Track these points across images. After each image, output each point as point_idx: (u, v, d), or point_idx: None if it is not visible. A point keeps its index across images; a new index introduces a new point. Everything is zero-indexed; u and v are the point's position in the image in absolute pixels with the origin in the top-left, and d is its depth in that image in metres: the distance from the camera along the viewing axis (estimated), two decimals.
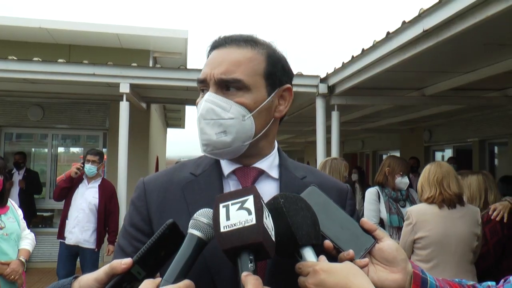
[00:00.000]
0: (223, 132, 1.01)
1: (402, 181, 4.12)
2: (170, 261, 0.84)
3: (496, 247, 3.34)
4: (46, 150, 8.52)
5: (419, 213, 3.18)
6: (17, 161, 7.44)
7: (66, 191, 5.20)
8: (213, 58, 1.05)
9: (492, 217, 3.36)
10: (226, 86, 1.02)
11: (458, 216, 3.10)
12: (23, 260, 3.41)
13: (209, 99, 1.01)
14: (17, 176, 7.40)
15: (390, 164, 4.19)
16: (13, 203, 3.58)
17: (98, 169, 5.25)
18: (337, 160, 4.16)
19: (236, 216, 0.81)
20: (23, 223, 3.59)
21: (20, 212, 3.60)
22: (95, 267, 5.15)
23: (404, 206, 4.04)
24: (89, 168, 5.15)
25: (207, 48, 1.11)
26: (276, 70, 1.08)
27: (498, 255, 3.36)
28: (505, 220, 3.36)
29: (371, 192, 4.16)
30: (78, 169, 5.22)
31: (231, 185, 1.08)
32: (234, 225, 0.80)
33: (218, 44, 1.07)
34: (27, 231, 3.63)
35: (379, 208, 4.05)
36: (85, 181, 5.25)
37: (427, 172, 3.27)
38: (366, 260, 0.92)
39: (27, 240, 3.56)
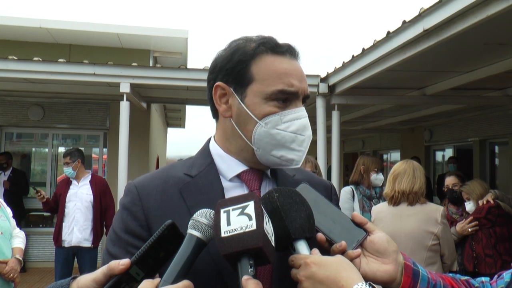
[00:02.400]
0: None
1: (378, 178, 4.25)
2: (169, 261, 0.84)
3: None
4: (46, 149, 8.53)
5: (377, 211, 3.37)
6: (1, 163, 7.37)
7: (54, 205, 5.21)
8: (294, 69, 1.04)
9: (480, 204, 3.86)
10: (304, 101, 1.06)
11: (409, 214, 3.14)
12: (19, 258, 3.41)
13: (306, 115, 1.05)
14: (3, 177, 7.38)
15: (365, 162, 4.33)
16: (1, 202, 3.58)
17: (74, 168, 5.11)
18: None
19: (237, 221, 0.81)
20: (13, 222, 3.57)
21: (9, 210, 3.58)
22: (93, 265, 5.15)
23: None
24: (66, 171, 5.14)
25: (260, 46, 1.03)
26: None
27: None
28: (491, 201, 3.78)
29: (345, 191, 4.29)
30: (42, 197, 5.14)
31: (233, 189, 1.06)
32: (235, 230, 0.81)
33: (287, 51, 1.05)
34: (17, 229, 3.61)
35: (353, 206, 4.17)
36: (74, 181, 5.19)
37: (391, 169, 3.39)
38: (358, 251, 0.94)
39: (19, 238, 3.55)
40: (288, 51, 1.04)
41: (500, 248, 3.70)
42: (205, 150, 1.12)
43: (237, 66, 1.03)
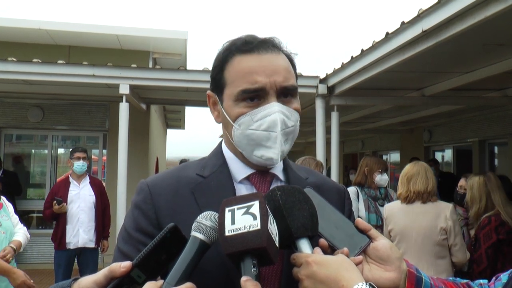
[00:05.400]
0: (286, 141, 1.04)
1: (382, 178, 4.29)
2: (171, 264, 0.84)
3: (489, 252, 3.42)
4: (46, 151, 8.53)
5: (389, 208, 3.62)
6: None
7: (56, 215, 5.08)
8: (262, 65, 1.00)
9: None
10: (284, 94, 1.02)
11: (421, 211, 3.39)
12: (13, 247, 3.34)
13: (280, 110, 1.00)
14: None
15: (368, 164, 4.37)
16: (3, 199, 3.53)
17: (87, 162, 5.20)
18: (308, 159, 4.21)
19: (241, 220, 0.81)
20: (15, 218, 3.54)
21: (11, 209, 3.55)
22: (95, 266, 5.16)
23: (382, 205, 4.19)
24: (82, 165, 5.10)
25: (228, 49, 1.05)
26: (295, 71, 1.10)
27: (491, 259, 3.41)
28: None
29: (350, 191, 4.30)
30: (60, 204, 4.95)
31: (244, 190, 1.06)
32: (239, 229, 0.80)
33: (255, 48, 1.02)
34: (20, 225, 3.57)
35: (358, 207, 4.18)
36: (74, 183, 5.16)
37: (403, 171, 3.60)
38: (360, 257, 0.93)
39: (20, 234, 3.51)
40: (257, 47, 1.02)
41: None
42: (218, 151, 1.13)
43: (214, 73, 1.07)
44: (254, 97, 1.00)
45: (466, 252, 3.43)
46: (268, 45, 1.03)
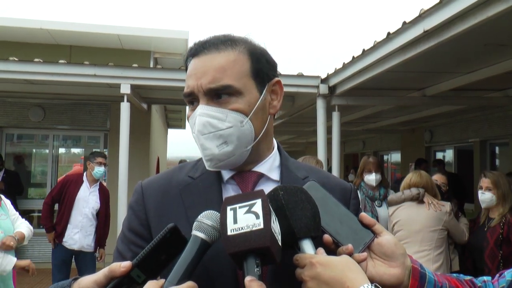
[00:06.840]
0: (224, 143, 0.98)
1: (369, 178, 4.37)
2: (172, 264, 0.84)
3: None
4: (47, 151, 8.53)
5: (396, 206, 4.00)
6: None
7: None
8: (195, 68, 1.01)
9: None
10: (216, 95, 0.98)
11: (424, 207, 3.81)
12: (14, 236, 3.33)
13: (203, 113, 0.98)
14: None
15: (361, 164, 4.50)
16: (1, 197, 3.53)
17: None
18: (309, 158, 4.22)
19: (244, 219, 0.80)
20: (14, 215, 3.52)
21: (9, 206, 3.54)
22: (93, 267, 5.17)
23: (380, 206, 4.24)
24: (104, 171, 5.20)
25: (184, 58, 1.07)
26: (262, 66, 1.04)
27: None
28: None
29: None
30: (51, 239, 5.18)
31: (230, 190, 1.05)
32: (242, 228, 0.79)
33: (196, 51, 1.02)
34: (21, 220, 3.57)
35: None
36: (86, 184, 5.21)
37: (409, 180, 3.94)
38: (365, 254, 0.93)
39: (22, 226, 3.51)
40: (197, 49, 1.03)
41: None
42: None
43: None
44: (192, 101, 1.02)
45: (463, 236, 3.92)
46: (207, 45, 1.01)
